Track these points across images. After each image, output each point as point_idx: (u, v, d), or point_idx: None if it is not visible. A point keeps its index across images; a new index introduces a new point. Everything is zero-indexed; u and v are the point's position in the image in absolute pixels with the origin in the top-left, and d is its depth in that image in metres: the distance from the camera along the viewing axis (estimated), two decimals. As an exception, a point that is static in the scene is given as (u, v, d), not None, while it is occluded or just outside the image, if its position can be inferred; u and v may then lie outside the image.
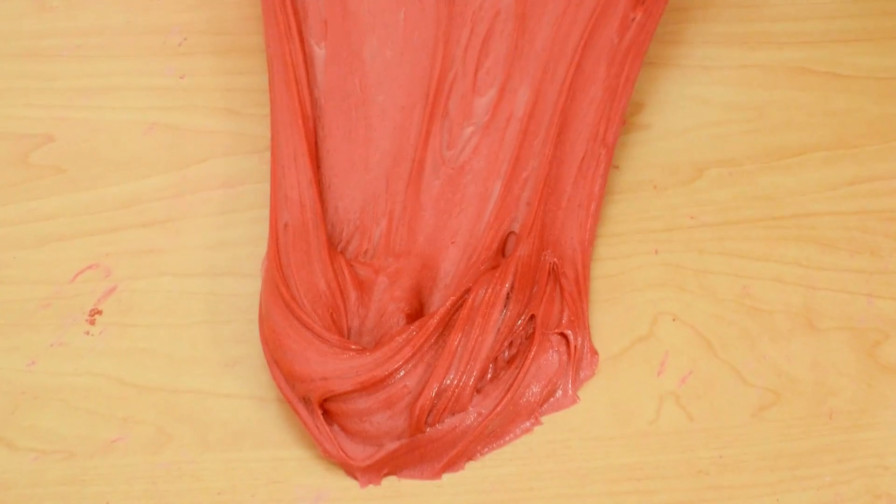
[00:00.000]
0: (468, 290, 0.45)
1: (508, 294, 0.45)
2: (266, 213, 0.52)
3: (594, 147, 0.48)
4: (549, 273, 0.47)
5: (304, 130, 0.47)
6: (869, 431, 0.46)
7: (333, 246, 0.47)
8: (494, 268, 0.46)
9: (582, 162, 0.48)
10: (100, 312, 0.50)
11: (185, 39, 0.60)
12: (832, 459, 0.45)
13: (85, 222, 0.53)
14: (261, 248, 0.51)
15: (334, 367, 0.43)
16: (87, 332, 0.49)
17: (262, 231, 0.51)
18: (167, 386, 0.48)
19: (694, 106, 0.57)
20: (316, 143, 0.48)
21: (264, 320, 0.45)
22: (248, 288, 0.50)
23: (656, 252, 0.51)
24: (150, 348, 0.49)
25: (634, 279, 0.50)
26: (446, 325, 0.45)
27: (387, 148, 0.48)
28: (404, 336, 0.44)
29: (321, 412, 0.44)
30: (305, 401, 0.44)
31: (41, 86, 0.58)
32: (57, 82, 0.58)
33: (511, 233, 0.48)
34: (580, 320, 0.47)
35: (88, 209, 0.53)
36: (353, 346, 0.44)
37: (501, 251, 0.47)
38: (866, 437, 0.46)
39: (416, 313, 0.46)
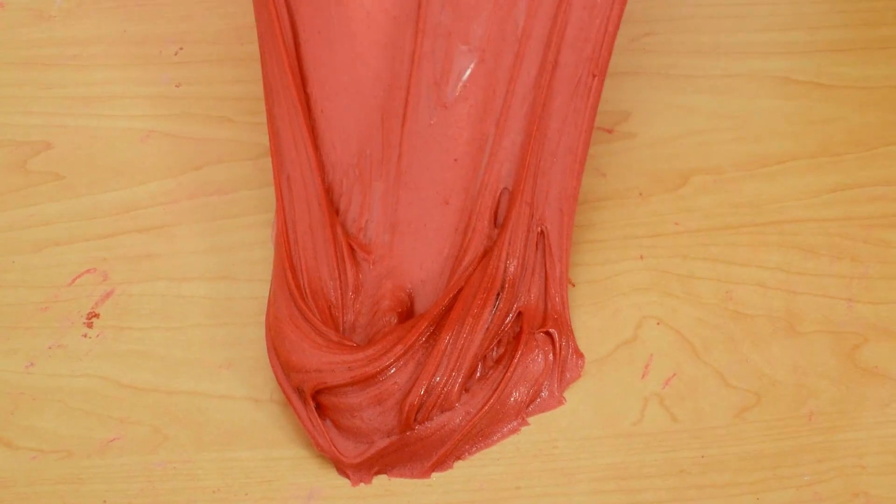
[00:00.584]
0: (460, 291, 0.46)
1: (499, 293, 0.46)
2: (261, 218, 0.53)
3: (587, 74, 0.46)
4: (535, 248, 0.47)
5: (280, 32, 0.44)
6: (847, 432, 0.47)
7: (334, 214, 0.46)
8: (488, 251, 0.47)
9: (574, 91, 0.46)
10: (97, 316, 0.51)
11: (182, 49, 0.61)
12: (811, 459, 0.46)
13: (82, 227, 0.54)
14: (256, 254, 0.52)
15: (329, 361, 0.44)
16: (85, 335, 0.50)
17: (257, 236, 0.52)
18: (163, 387, 0.49)
19: (679, 114, 0.58)
20: (299, 52, 0.45)
21: (271, 304, 0.46)
22: (242, 292, 0.51)
23: (642, 257, 0.52)
24: (146, 350, 0.50)
25: (620, 284, 0.51)
26: (437, 324, 0.45)
27: (378, 69, 0.45)
28: (396, 334, 0.45)
29: (314, 405, 0.45)
30: (299, 392, 0.45)
31: (39, 94, 0.59)
32: (55, 90, 0.59)
33: (504, 189, 0.47)
34: (563, 317, 0.48)
35: (86, 215, 0.54)
36: (348, 343, 0.45)
37: (494, 219, 0.47)
38: (845, 437, 0.47)
39: (408, 311, 0.47)
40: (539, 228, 0.48)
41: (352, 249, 0.47)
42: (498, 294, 0.46)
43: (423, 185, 0.47)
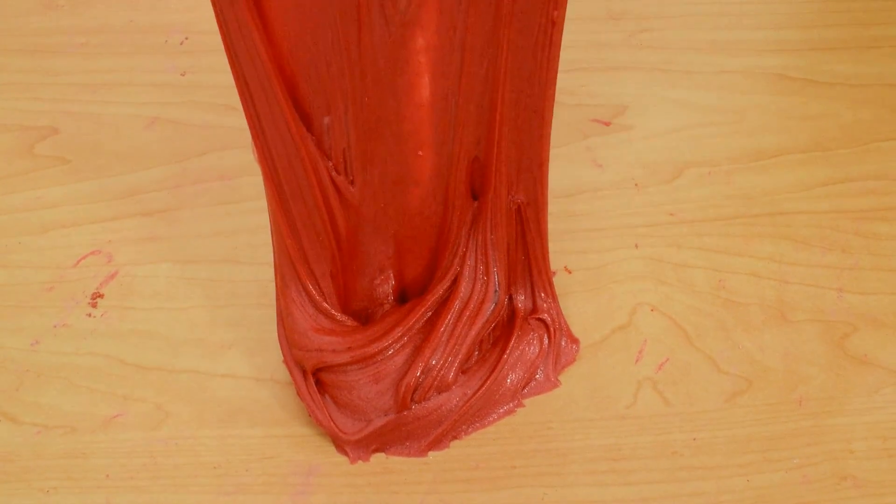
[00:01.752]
0: (457, 278, 0.47)
1: (496, 291, 0.47)
2: (264, 203, 0.53)
3: (546, 21, 0.42)
4: (515, 224, 0.48)
5: None
6: (836, 417, 0.48)
7: (306, 133, 0.43)
8: (473, 226, 0.47)
9: (534, 45, 0.42)
10: (101, 296, 0.52)
11: (187, 38, 0.62)
12: (801, 443, 0.47)
13: (88, 210, 0.55)
14: (257, 238, 0.53)
15: (329, 341, 0.45)
16: (89, 315, 0.51)
17: (260, 221, 0.53)
18: (165, 366, 0.49)
19: (675, 109, 0.59)
20: None
21: (277, 270, 0.46)
22: (244, 274, 0.52)
23: (637, 246, 0.53)
24: (149, 330, 0.51)
25: (615, 272, 0.53)
26: (435, 310, 0.46)
27: None
28: (395, 317, 0.46)
29: (314, 381, 0.46)
30: (300, 368, 0.46)
31: (47, 80, 0.60)
32: (62, 77, 0.60)
33: (476, 158, 0.45)
34: (552, 300, 0.49)
35: (91, 198, 0.55)
36: (349, 323, 0.46)
37: (470, 192, 0.46)
38: (834, 422, 0.48)
39: (398, 277, 0.47)
40: (516, 204, 0.47)
41: (336, 189, 0.44)
42: (495, 291, 0.47)
43: (391, 117, 0.43)
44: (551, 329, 0.48)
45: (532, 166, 0.46)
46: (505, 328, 0.48)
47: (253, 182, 0.55)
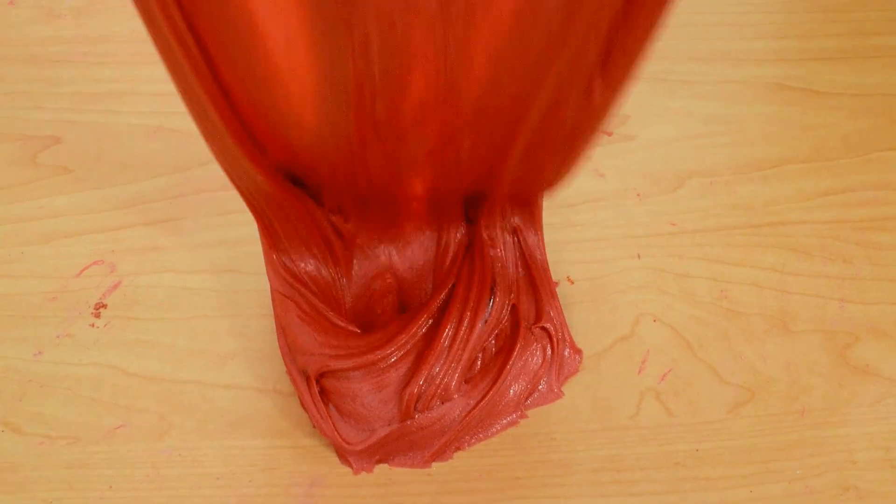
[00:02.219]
0: (454, 286, 0.47)
1: (492, 287, 0.47)
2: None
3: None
4: (513, 242, 0.48)
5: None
6: (839, 428, 0.48)
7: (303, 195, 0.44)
8: (470, 246, 0.47)
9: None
10: (104, 306, 0.52)
11: (189, 48, 0.62)
12: (803, 454, 0.47)
13: (91, 220, 0.55)
14: (260, 248, 0.53)
15: (333, 345, 0.45)
16: (93, 325, 0.51)
17: (262, 230, 0.53)
18: (168, 376, 0.49)
19: (677, 118, 0.59)
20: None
21: (273, 285, 0.47)
22: (247, 284, 0.52)
23: (639, 256, 0.53)
24: (152, 340, 0.51)
25: (618, 282, 0.53)
26: (435, 317, 0.46)
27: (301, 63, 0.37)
28: (397, 324, 0.46)
29: (318, 389, 0.46)
30: (304, 374, 0.46)
31: (49, 90, 0.60)
32: (65, 87, 0.60)
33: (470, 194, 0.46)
34: (556, 311, 0.49)
35: (94, 208, 0.55)
36: (352, 328, 0.46)
37: (465, 214, 0.48)
38: (836, 433, 0.48)
39: (396, 292, 0.48)
40: (511, 226, 0.48)
41: (331, 224, 0.46)
42: (492, 288, 0.47)
43: (386, 199, 0.45)
44: (554, 339, 0.48)
45: (528, 198, 0.47)
46: (508, 338, 0.48)
47: (255, 192, 0.55)
